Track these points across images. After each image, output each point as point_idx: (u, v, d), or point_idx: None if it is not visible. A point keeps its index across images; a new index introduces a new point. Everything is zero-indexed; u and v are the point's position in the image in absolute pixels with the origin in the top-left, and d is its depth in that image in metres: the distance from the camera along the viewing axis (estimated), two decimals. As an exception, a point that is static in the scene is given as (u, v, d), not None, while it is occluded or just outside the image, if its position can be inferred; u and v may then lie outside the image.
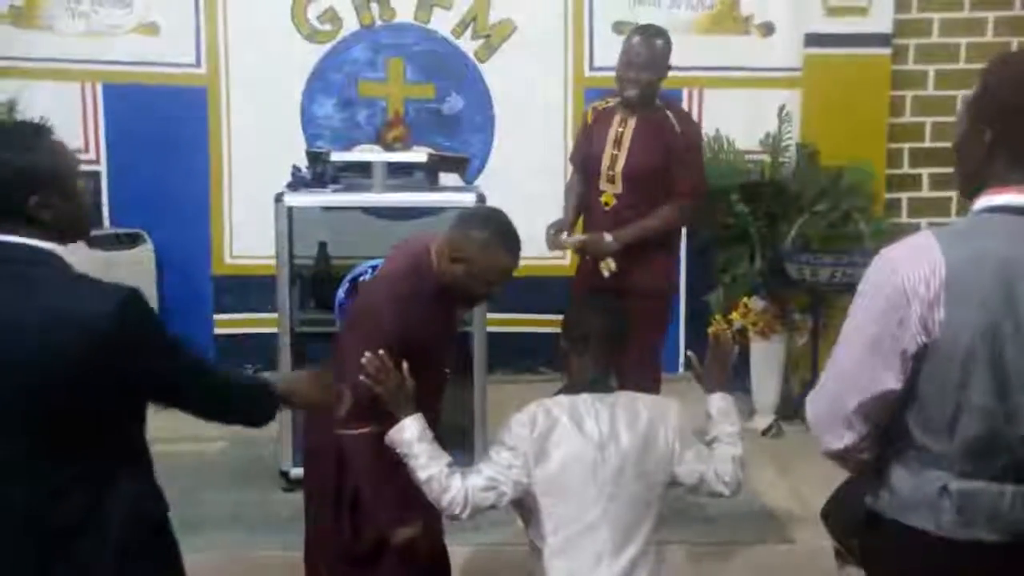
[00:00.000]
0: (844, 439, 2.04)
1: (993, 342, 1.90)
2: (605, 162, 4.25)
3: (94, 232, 5.60)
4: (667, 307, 4.47)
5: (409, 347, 2.68)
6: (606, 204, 4.27)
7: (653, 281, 4.27)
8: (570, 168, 4.70)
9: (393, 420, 2.59)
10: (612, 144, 4.25)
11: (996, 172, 1.97)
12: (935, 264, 1.90)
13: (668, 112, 4.28)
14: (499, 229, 2.90)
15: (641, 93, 4.18)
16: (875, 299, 1.96)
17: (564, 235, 4.33)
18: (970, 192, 2.02)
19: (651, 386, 4.10)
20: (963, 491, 1.96)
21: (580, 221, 4.52)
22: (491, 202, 4.34)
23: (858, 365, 1.98)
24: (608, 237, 4.18)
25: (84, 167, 5.92)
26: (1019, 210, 1.94)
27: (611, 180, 4.25)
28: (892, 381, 1.95)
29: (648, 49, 4.18)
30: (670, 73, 4.35)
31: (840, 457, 2.09)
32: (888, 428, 2.03)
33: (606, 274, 4.19)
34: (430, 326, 2.89)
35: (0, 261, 2.03)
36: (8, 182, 2.03)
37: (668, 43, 4.25)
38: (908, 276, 1.91)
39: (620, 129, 4.25)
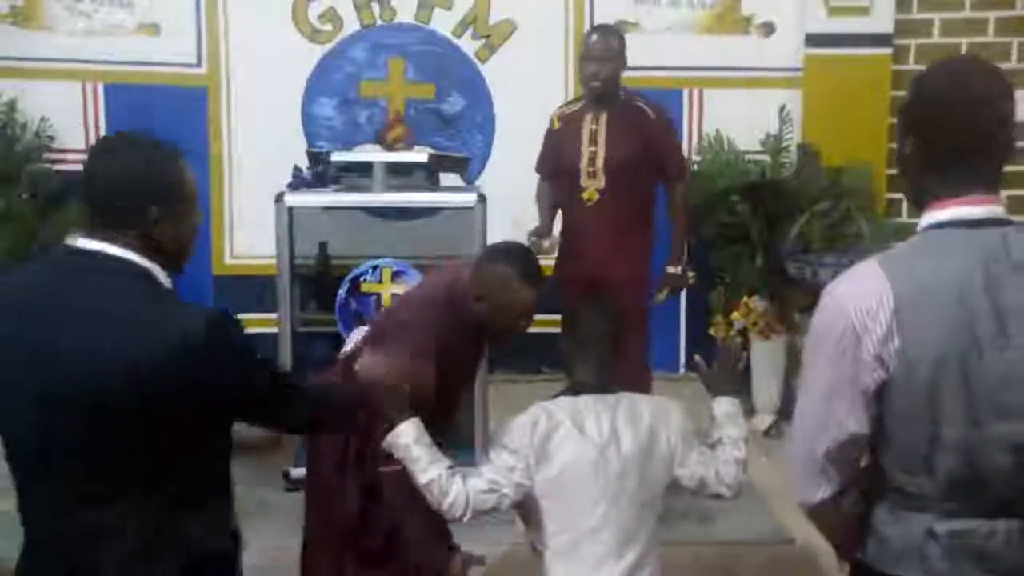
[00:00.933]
0: (820, 491, 1.95)
1: (959, 368, 1.78)
2: (584, 159, 4.35)
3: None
4: (647, 294, 4.55)
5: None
6: (589, 200, 4.37)
7: (635, 268, 4.39)
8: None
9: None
10: (588, 141, 4.35)
11: (929, 186, 1.88)
12: (882, 294, 1.79)
13: (637, 102, 4.41)
14: (517, 264, 2.86)
15: (604, 85, 4.31)
16: (825, 342, 1.86)
17: (546, 242, 4.38)
18: (917, 206, 1.93)
19: (644, 376, 4.17)
20: (951, 532, 1.84)
21: (553, 223, 4.57)
22: (491, 202, 4.35)
23: (820, 412, 1.88)
24: (673, 268, 4.52)
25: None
26: (966, 223, 1.83)
27: (592, 176, 4.35)
28: (855, 425, 1.85)
29: (604, 43, 4.32)
30: (670, 73, 4.39)
31: (820, 513, 1.99)
32: (866, 475, 1.93)
33: (661, 298, 4.59)
34: (456, 356, 2.89)
35: (101, 271, 2.02)
36: (138, 187, 2.05)
37: (622, 37, 4.43)
38: (855, 312, 1.80)
39: (593, 126, 4.36)
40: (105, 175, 2.06)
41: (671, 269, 4.52)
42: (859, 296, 1.82)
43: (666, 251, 4.56)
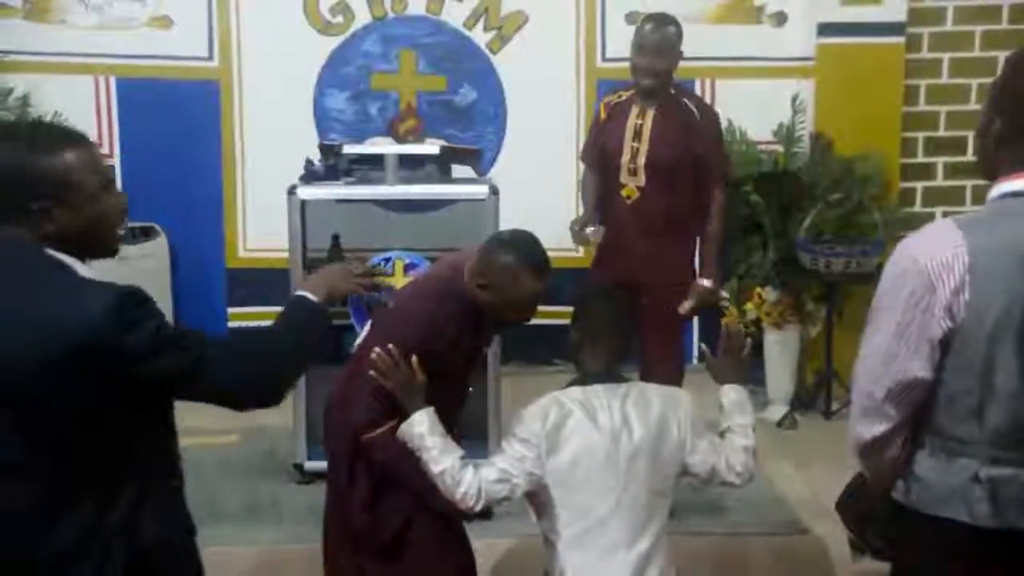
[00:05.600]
0: (875, 428, 2.03)
1: (1019, 323, 1.91)
2: (626, 155, 4.19)
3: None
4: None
5: (432, 364, 2.70)
6: (628, 197, 4.21)
7: (677, 274, 4.23)
8: (581, 165, 4.66)
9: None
10: (632, 136, 4.18)
11: (1009, 159, 1.99)
12: (958, 250, 1.92)
13: (686, 100, 4.24)
14: (525, 254, 2.83)
15: (658, 80, 4.13)
16: (900, 288, 1.97)
17: (589, 229, 4.28)
18: (990, 178, 2.04)
19: (677, 379, 4.09)
20: (994, 478, 1.95)
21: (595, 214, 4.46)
22: (504, 193, 4.34)
23: (886, 354, 1.99)
24: (705, 282, 4.18)
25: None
26: None
27: (633, 173, 4.19)
28: (920, 369, 1.96)
29: (660, 36, 4.13)
30: (682, 63, 4.31)
31: (871, 451, 2.07)
32: (916, 419, 2.03)
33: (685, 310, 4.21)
34: (457, 347, 2.89)
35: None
36: (10, 180, 1.96)
37: (679, 29, 4.21)
38: (931, 263, 1.93)
39: (639, 121, 4.19)
40: None
41: (704, 283, 4.20)
42: (936, 249, 1.95)
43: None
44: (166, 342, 1.98)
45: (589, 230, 4.28)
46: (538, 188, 4.65)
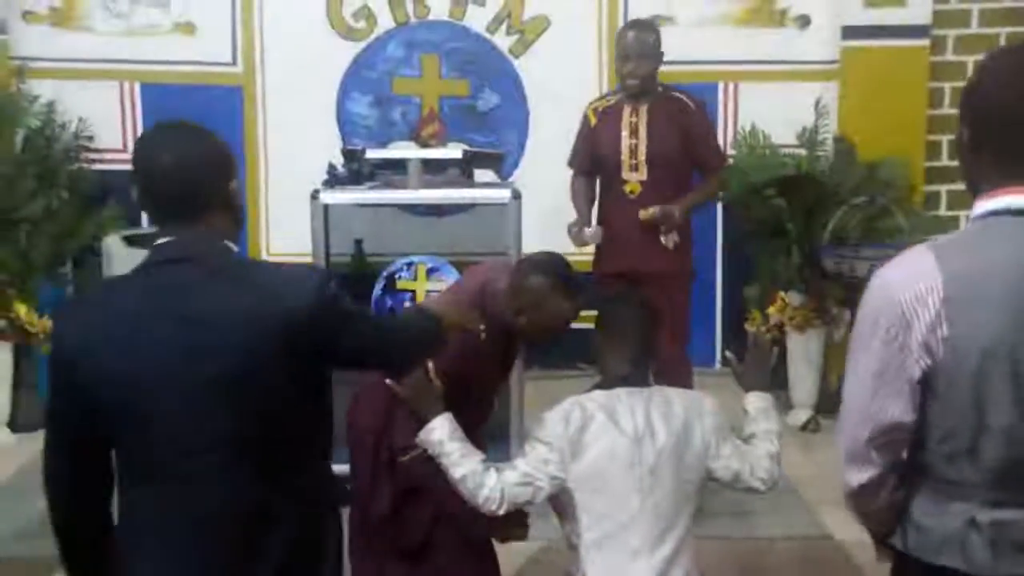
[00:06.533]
0: (861, 474, 1.92)
1: (1009, 356, 1.74)
2: (625, 152, 4.36)
3: (132, 231, 5.68)
4: (689, 291, 4.53)
5: (456, 383, 2.70)
6: (632, 192, 4.38)
7: (678, 263, 4.40)
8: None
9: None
10: (629, 134, 4.36)
11: (985, 173, 1.83)
12: (931, 280, 1.77)
13: (675, 93, 4.44)
14: (557, 276, 2.85)
15: (642, 83, 4.33)
16: (874, 327, 1.83)
17: (587, 230, 4.41)
18: (973, 194, 1.88)
19: (684, 369, 4.18)
20: (994, 522, 1.81)
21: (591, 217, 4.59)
22: (526, 197, 4.34)
23: (866, 397, 1.86)
24: (675, 208, 4.29)
25: (121, 166, 5.99)
26: (1019, 212, 1.79)
27: (634, 168, 4.36)
28: (900, 412, 1.83)
29: (640, 40, 4.33)
30: (705, 67, 4.39)
31: (860, 497, 1.97)
32: (908, 462, 1.91)
33: (670, 246, 4.34)
34: (483, 366, 2.89)
35: (199, 259, 2.02)
36: (219, 164, 2.12)
37: (658, 33, 4.43)
38: (905, 298, 1.78)
39: (633, 119, 4.37)
40: (183, 164, 2.07)
41: (672, 208, 4.26)
42: (908, 281, 1.79)
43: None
44: (361, 315, 2.23)
45: (588, 231, 4.41)
46: (560, 192, 4.65)
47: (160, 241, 2.05)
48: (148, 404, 1.97)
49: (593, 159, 4.53)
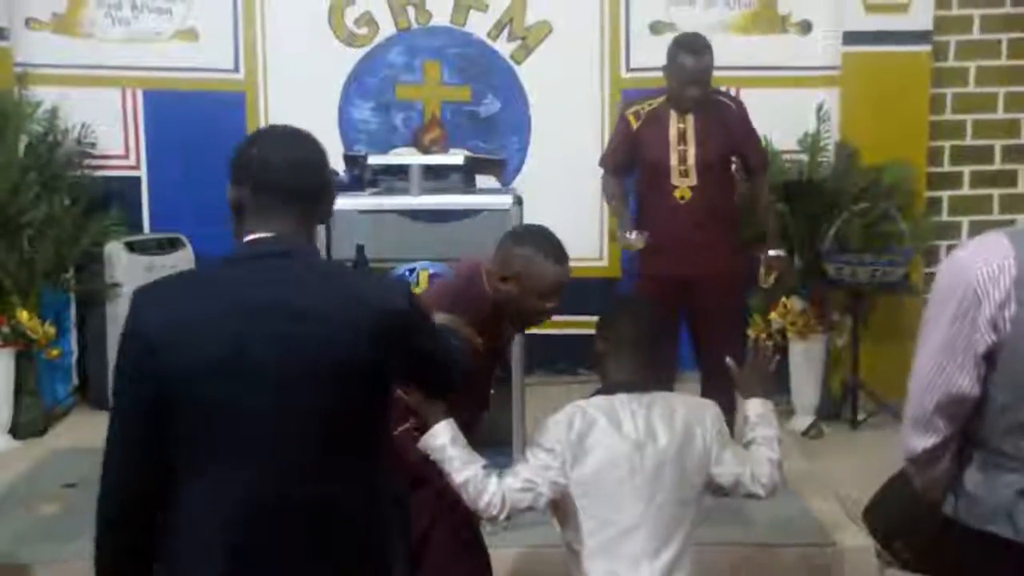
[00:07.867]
0: (925, 440, 2.03)
1: None
2: (674, 159, 4.38)
3: (134, 237, 5.68)
4: (742, 294, 4.62)
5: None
6: (682, 198, 4.40)
7: (729, 264, 4.46)
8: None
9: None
10: (677, 140, 4.38)
11: None
12: (1005, 262, 1.90)
13: (719, 97, 4.49)
14: (543, 242, 2.88)
15: (701, 99, 4.37)
16: (947, 301, 1.96)
17: (632, 235, 4.39)
18: None
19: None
20: None
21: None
22: (528, 203, 4.34)
23: (933, 367, 1.98)
24: (776, 252, 4.61)
25: (124, 172, 6.01)
26: None
27: (684, 174, 4.38)
28: (966, 384, 1.95)
29: (701, 64, 4.34)
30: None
31: (921, 463, 2.07)
32: (965, 432, 2.02)
33: (770, 283, 4.66)
34: (478, 362, 2.88)
35: (298, 255, 2.10)
36: (329, 171, 2.29)
37: (711, 49, 4.40)
38: (978, 275, 1.91)
39: (681, 125, 4.39)
40: (310, 159, 2.25)
41: (774, 252, 4.60)
42: (983, 260, 1.93)
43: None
44: (438, 331, 2.31)
45: (633, 235, 4.39)
46: (562, 198, 4.66)
47: (256, 236, 2.10)
48: (238, 395, 1.98)
49: (635, 163, 4.55)
